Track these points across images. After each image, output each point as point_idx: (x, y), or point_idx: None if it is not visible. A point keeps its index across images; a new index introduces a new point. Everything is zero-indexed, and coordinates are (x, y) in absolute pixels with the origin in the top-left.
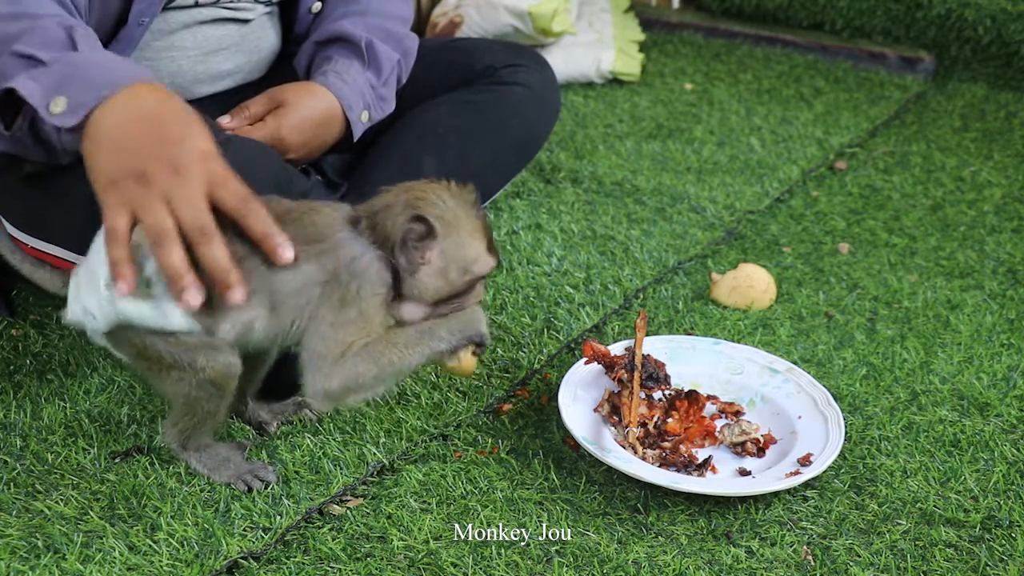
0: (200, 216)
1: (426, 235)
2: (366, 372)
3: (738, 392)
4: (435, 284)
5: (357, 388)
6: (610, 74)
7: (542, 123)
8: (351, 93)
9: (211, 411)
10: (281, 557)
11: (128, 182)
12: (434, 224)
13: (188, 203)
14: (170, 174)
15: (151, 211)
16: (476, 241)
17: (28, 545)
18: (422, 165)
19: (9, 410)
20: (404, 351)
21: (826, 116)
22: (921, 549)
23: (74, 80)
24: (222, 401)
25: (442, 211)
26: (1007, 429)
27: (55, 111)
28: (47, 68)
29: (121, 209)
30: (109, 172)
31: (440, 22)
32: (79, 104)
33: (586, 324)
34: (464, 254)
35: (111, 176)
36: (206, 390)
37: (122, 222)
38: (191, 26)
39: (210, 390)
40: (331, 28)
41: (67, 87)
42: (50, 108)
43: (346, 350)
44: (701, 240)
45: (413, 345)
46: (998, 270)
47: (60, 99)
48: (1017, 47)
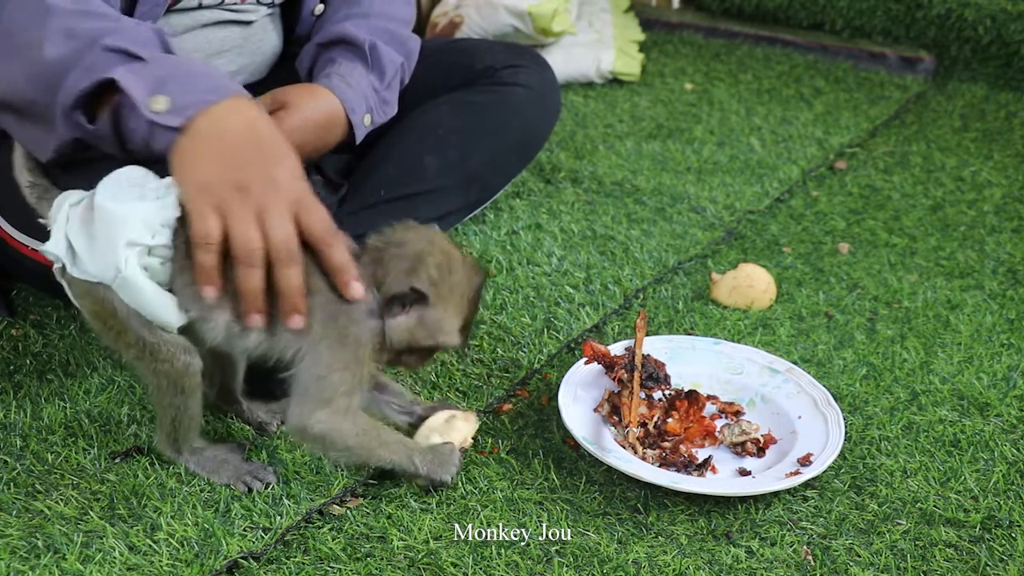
0: (290, 238)
1: (417, 301)
2: (345, 440)
3: (738, 392)
4: (403, 335)
5: (328, 445)
6: (610, 74)
7: (542, 123)
8: (354, 96)
9: (179, 406)
10: (281, 557)
11: (225, 189)
12: (427, 294)
13: (280, 222)
14: (267, 190)
15: (244, 223)
16: (455, 318)
17: (28, 545)
18: (423, 165)
19: (9, 410)
20: (381, 448)
21: (826, 116)
22: (921, 549)
23: (175, 81)
24: (186, 398)
25: (441, 279)
26: (1007, 429)
27: (156, 108)
28: (146, 64)
29: (214, 214)
30: (207, 177)
31: (440, 22)
32: (183, 105)
33: (586, 324)
34: (439, 325)
35: (208, 180)
36: (165, 379)
37: (214, 226)
38: (194, 29)
39: (168, 382)
40: (334, 30)
41: (168, 87)
42: (150, 105)
43: (335, 396)
44: (701, 240)
45: (392, 450)
46: (998, 270)
47: (161, 98)
48: (1017, 47)
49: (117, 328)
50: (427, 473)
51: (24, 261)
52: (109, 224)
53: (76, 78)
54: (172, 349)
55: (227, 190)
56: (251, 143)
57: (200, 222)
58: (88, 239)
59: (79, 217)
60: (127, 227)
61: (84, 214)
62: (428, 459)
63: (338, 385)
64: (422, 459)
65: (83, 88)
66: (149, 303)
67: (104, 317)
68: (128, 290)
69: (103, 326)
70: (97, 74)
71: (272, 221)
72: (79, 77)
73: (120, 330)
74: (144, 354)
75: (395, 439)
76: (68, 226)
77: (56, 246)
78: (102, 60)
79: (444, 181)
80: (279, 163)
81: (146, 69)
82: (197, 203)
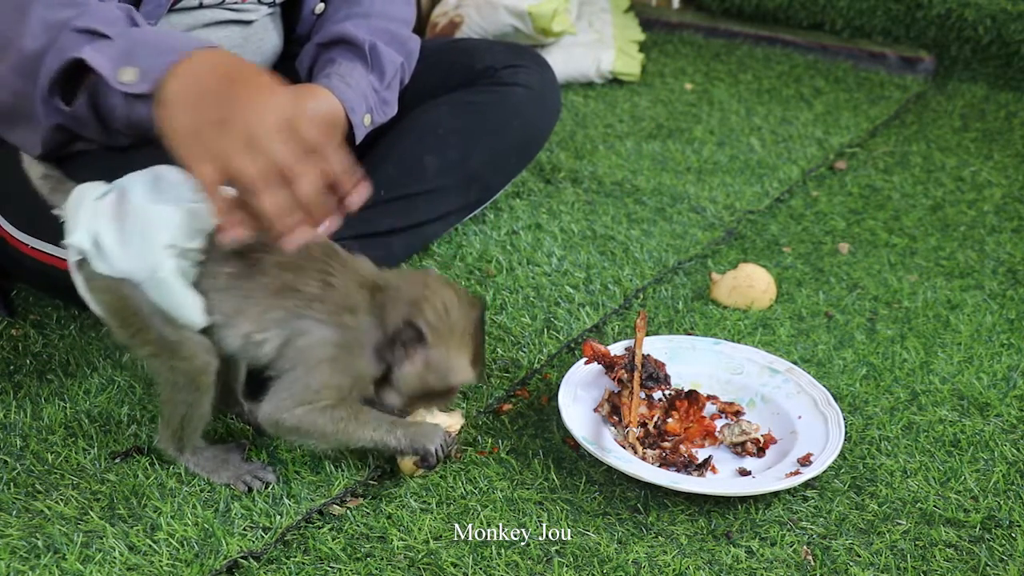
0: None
1: (416, 340)
2: (321, 427)
3: (738, 392)
4: (413, 382)
5: (304, 434)
6: (610, 74)
7: (542, 123)
8: (354, 96)
9: (192, 403)
10: (281, 557)
11: (208, 131)
12: (425, 332)
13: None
14: (249, 114)
15: (236, 154)
16: (461, 355)
17: (28, 545)
18: (423, 165)
19: (9, 410)
20: (360, 428)
21: (826, 116)
22: (921, 549)
23: (141, 50)
24: (200, 395)
25: (438, 319)
26: (1007, 429)
27: (125, 80)
28: (112, 42)
29: (206, 159)
30: (187, 126)
31: (440, 22)
32: (149, 70)
33: (586, 324)
34: (446, 365)
35: (189, 129)
36: (183, 377)
37: (209, 170)
38: (195, 29)
39: (185, 379)
40: (334, 30)
41: (135, 58)
42: (119, 78)
43: (313, 402)
44: (701, 240)
45: (370, 428)
46: (998, 270)
47: (129, 69)
48: (1017, 47)
49: (136, 325)
50: (409, 443)
51: (24, 260)
52: (147, 224)
53: (49, 62)
54: (194, 348)
55: (209, 131)
56: (223, 80)
57: (196, 172)
58: (120, 235)
59: (108, 212)
60: (167, 230)
61: (114, 209)
62: (410, 431)
63: (318, 392)
64: (404, 431)
65: (54, 70)
66: (179, 304)
67: (124, 313)
68: (160, 290)
69: (120, 322)
70: (66, 55)
71: (263, 143)
72: (51, 61)
73: (140, 327)
74: (162, 351)
75: (373, 416)
76: (95, 220)
77: (80, 239)
78: (70, 41)
79: (444, 181)
80: (255, 88)
81: (112, 45)
82: (187, 155)
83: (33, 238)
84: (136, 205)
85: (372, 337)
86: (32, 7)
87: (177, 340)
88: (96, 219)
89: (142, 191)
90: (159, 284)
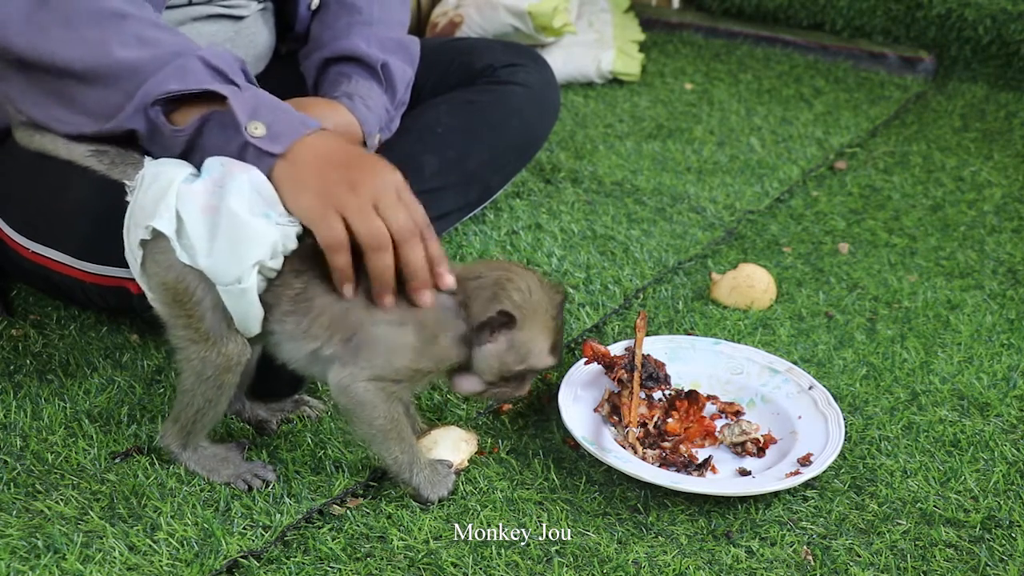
0: (407, 219)
1: (506, 325)
2: (378, 414)
3: (738, 392)
4: (494, 363)
5: (359, 414)
6: (610, 74)
7: (542, 123)
8: (373, 119)
9: (211, 399)
10: (281, 557)
11: (340, 191)
12: (516, 316)
13: (395, 207)
14: (376, 181)
15: (365, 214)
16: (543, 339)
17: (28, 545)
18: (422, 165)
19: (9, 410)
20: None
21: (826, 116)
22: (921, 549)
23: (265, 110)
24: (220, 393)
25: (524, 302)
26: (1007, 429)
27: (255, 133)
28: (240, 90)
29: (336, 217)
30: (320, 186)
31: (440, 22)
32: (278, 133)
33: (586, 324)
34: (529, 347)
35: (321, 189)
36: (212, 369)
37: (339, 228)
38: (184, 23)
39: (214, 373)
40: (343, 45)
41: (261, 114)
42: (251, 130)
43: (388, 376)
44: (701, 240)
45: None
46: (998, 270)
47: (260, 124)
48: (1017, 47)
49: (189, 311)
50: (417, 485)
51: (23, 263)
52: (243, 235)
53: (164, 79)
54: (234, 346)
55: (342, 191)
56: (348, 155)
57: (327, 228)
58: (210, 233)
59: (199, 203)
60: (261, 247)
61: (207, 203)
62: (425, 473)
63: (398, 372)
64: (419, 470)
65: (173, 90)
66: (245, 312)
67: (182, 298)
68: (235, 298)
69: (172, 302)
70: (194, 82)
71: (388, 208)
72: (167, 78)
73: (191, 314)
74: (202, 340)
75: (412, 441)
76: (184, 207)
77: (165, 225)
78: (198, 71)
79: (443, 180)
80: (376, 162)
81: (242, 94)
82: (318, 211)
83: (32, 241)
84: (235, 212)
85: (457, 324)
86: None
87: (221, 335)
88: (185, 206)
89: (240, 198)
90: (238, 293)
